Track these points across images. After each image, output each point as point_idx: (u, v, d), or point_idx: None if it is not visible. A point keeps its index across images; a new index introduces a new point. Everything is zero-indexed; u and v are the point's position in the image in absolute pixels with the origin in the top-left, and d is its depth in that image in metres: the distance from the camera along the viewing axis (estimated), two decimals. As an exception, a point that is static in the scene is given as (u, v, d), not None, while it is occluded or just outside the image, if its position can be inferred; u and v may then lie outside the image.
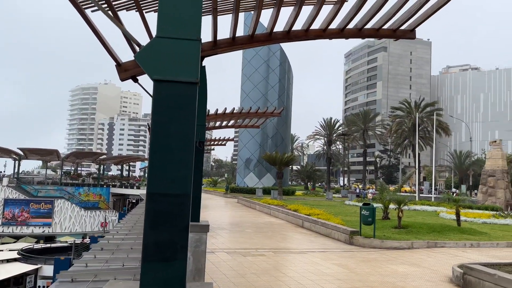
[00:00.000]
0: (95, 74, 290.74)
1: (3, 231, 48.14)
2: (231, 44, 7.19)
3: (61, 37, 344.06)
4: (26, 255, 31.02)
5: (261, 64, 55.27)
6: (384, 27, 7.31)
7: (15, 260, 30.46)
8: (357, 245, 14.18)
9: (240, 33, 7.45)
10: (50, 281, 23.97)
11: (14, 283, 29.31)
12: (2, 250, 34.56)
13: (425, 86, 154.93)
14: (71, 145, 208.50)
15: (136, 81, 6.19)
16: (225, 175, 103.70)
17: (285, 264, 11.30)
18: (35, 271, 28.93)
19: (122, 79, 6.21)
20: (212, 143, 37.54)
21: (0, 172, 74.25)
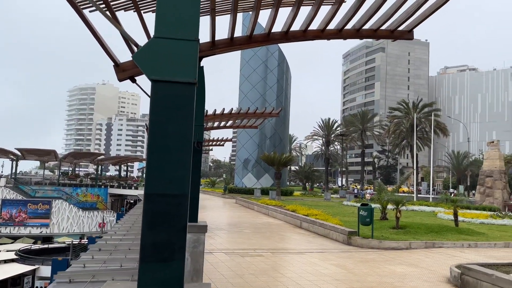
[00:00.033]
0: (95, 74, 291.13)
1: (1, 232, 47.99)
2: (229, 45, 7.19)
3: (61, 37, 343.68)
4: (24, 256, 30.95)
5: (259, 65, 55.29)
6: (382, 28, 7.33)
7: (13, 261, 30.37)
8: (355, 246, 14.19)
9: (238, 34, 7.47)
10: (48, 282, 23.91)
11: (12, 284, 29.24)
12: (0, 251, 34.46)
13: (423, 87, 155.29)
14: (69, 146, 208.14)
15: (134, 82, 6.19)
16: (223, 176, 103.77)
17: (283, 265, 11.30)
18: (33, 272, 28.85)
19: (120, 80, 6.21)
20: (211, 144, 37.58)
21: (-2, 173, 74.08)
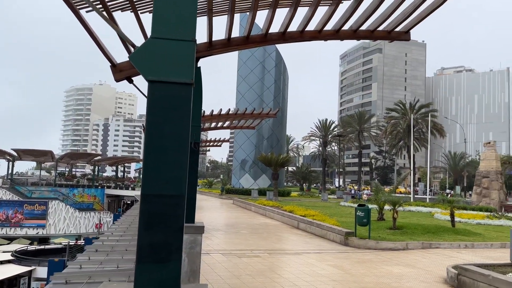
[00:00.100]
0: (94, 75, 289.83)
1: (-3, 233, 47.79)
2: (227, 45, 7.19)
3: (62, 37, 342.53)
4: (20, 257, 30.79)
5: (257, 65, 55.29)
6: (379, 29, 7.34)
7: (9, 262, 30.22)
8: (352, 246, 14.20)
9: (236, 34, 7.45)
10: (44, 283, 23.82)
11: (8, 285, 29.08)
12: (-4, 252, 34.29)
13: (420, 88, 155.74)
14: (66, 146, 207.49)
15: (131, 82, 6.17)
16: (221, 176, 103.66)
17: (280, 265, 11.30)
18: (29, 273, 28.70)
19: (117, 80, 6.20)
20: (208, 144, 37.54)
21: (-6, 173, 73.76)
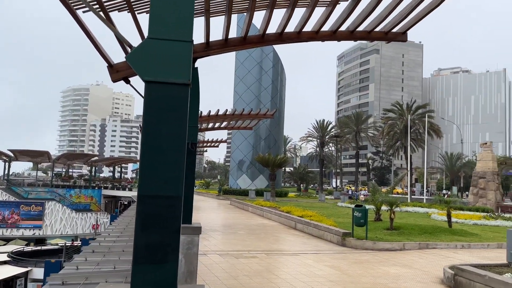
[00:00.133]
0: (93, 75, 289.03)
1: (-7, 234, 47.58)
2: (224, 46, 7.19)
3: (62, 37, 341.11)
4: (16, 258, 30.66)
5: (254, 66, 55.30)
6: (376, 30, 7.35)
7: (5, 263, 30.08)
8: (350, 247, 14.21)
9: (233, 35, 7.45)
10: (41, 284, 23.69)
11: (4, 286, 28.95)
12: (-8, 253, 34.11)
13: (417, 89, 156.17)
14: (62, 147, 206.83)
15: (128, 83, 6.16)
16: (218, 177, 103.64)
17: (278, 266, 11.30)
18: (25, 274, 28.58)
19: (114, 80, 6.18)
20: (205, 145, 37.50)
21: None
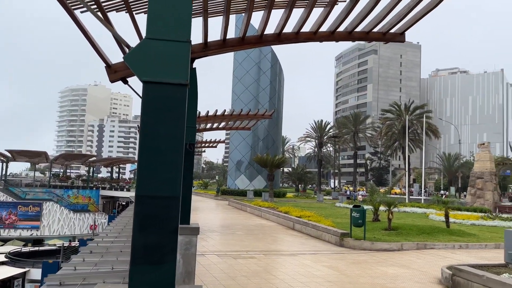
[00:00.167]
0: (93, 75, 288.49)
1: (-9, 234, 47.46)
2: (222, 46, 7.19)
3: (62, 37, 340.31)
4: (14, 258, 30.58)
5: (252, 66, 55.29)
6: (374, 30, 7.36)
7: (3, 264, 30.01)
8: (348, 247, 14.22)
9: (231, 35, 7.45)
10: (38, 285, 23.68)
11: (2, 287, 28.88)
12: (-10, 254, 34.01)
13: (415, 89, 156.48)
14: (60, 147, 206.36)
15: (126, 83, 6.16)
16: (216, 177, 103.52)
17: (276, 267, 11.30)
18: (23, 275, 28.51)
19: (112, 81, 6.18)
20: (203, 145, 37.51)
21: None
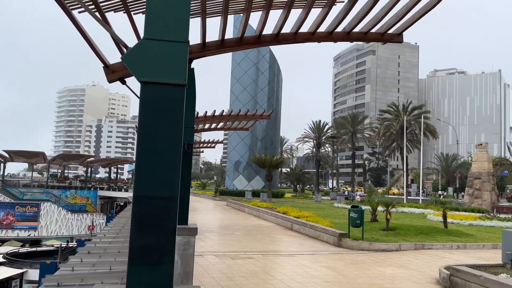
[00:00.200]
0: (92, 75, 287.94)
1: (-12, 235, 47.27)
2: (220, 47, 7.18)
3: (62, 37, 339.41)
4: (12, 259, 30.48)
5: (251, 67, 55.32)
6: (372, 31, 7.37)
7: (0, 264, 29.89)
8: (346, 248, 14.23)
9: (229, 36, 7.45)
10: (36, 285, 23.59)
11: (-1, 288, 28.82)
12: (-13, 254, 33.90)
13: (413, 90, 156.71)
14: (58, 147, 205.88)
15: (124, 83, 6.14)
16: (214, 178, 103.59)
17: (274, 267, 11.30)
18: (21, 275, 28.42)
19: (110, 81, 6.16)
20: (201, 146, 37.45)
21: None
